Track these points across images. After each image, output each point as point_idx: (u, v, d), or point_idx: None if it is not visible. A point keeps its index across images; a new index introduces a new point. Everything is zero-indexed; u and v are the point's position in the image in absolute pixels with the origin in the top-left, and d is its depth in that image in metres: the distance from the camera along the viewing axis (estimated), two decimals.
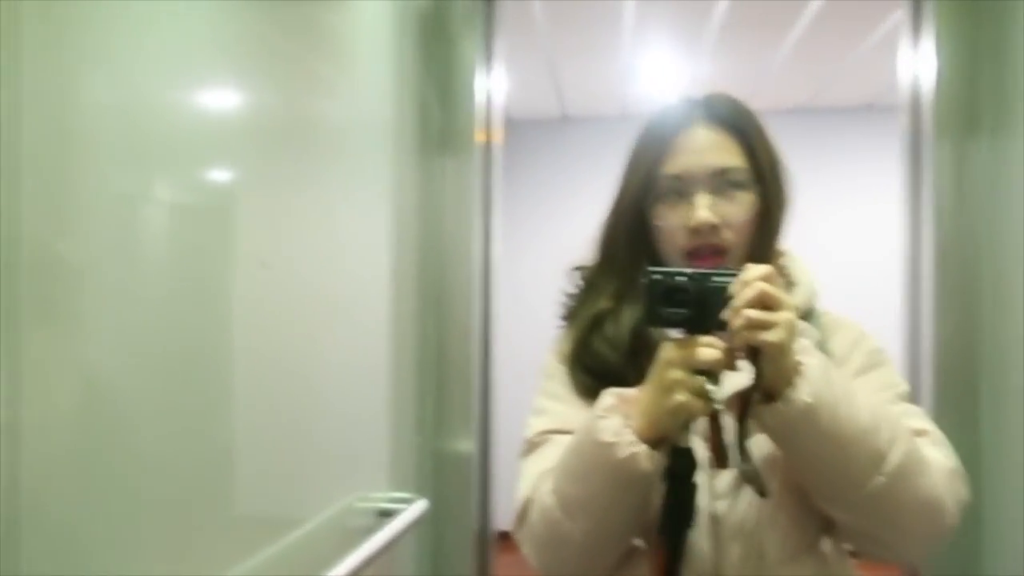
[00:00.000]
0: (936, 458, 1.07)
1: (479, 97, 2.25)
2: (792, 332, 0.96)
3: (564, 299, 1.28)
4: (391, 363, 1.97)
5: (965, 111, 1.95)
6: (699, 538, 1.05)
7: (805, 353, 0.99)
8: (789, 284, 1.17)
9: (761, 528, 1.08)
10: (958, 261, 2.00)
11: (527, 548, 1.13)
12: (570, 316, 1.27)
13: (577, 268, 1.28)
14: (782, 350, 0.95)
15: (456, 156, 2.25)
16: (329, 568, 1.42)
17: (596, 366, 1.16)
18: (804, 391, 0.96)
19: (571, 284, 1.28)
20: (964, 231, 1.99)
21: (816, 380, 0.97)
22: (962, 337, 2.03)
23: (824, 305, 1.22)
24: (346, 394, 1.71)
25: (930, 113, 1.96)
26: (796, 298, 1.14)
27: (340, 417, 1.68)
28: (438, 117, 2.23)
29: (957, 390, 2.06)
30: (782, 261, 1.20)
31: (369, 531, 1.68)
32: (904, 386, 1.19)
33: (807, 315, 1.16)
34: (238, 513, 1.28)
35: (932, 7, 1.98)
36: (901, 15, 2.10)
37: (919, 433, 1.09)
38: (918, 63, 2.01)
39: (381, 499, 1.83)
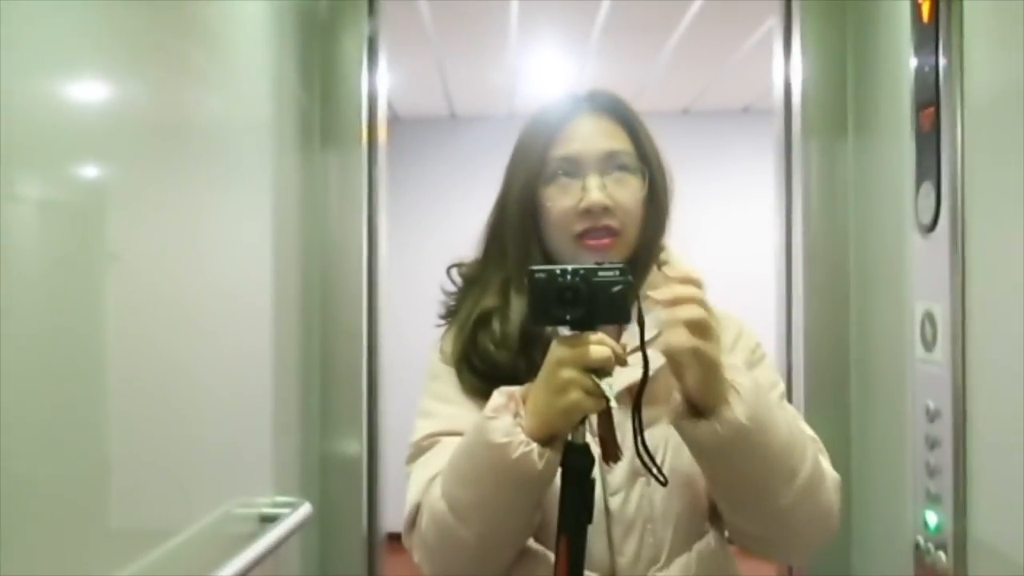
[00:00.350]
0: (827, 468, 1.10)
1: (363, 95, 2.22)
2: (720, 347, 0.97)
3: (444, 297, 1.26)
4: (273, 364, 1.92)
5: (832, 113, 2.04)
6: (593, 533, 1.02)
7: (736, 371, 0.99)
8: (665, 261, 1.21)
9: (654, 520, 1.10)
10: (827, 259, 2.09)
11: (418, 555, 1.10)
12: (451, 314, 1.25)
13: (455, 265, 1.26)
14: (716, 366, 0.96)
15: (340, 154, 2.21)
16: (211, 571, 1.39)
17: (485, 366, 1.13)
18: (740, 412, 0.96)
19: (450, 282, 1.26)
20: (832, 229, 2.09)
21: (751, 402, 0.97)
22: (832, 333, 2.14)
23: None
24: (226, 396, 1.67)
25: (799, 116, 2.05)
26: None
27: (220, 420, 1.64)
28: (320, 114, 2.19)
29: (827, 387, 2.17)
30: (664, 256, 1.22)
31: (251, 537, 1.63)
32: (782, 385, 1.23)
33: None
34: (112, 525, 1.23)
35: (801, 14, 2.06)
36: (774, 21, 2.18)
37: (812, 441, 1.12)
38: (789, 68, 2.10)
39: (264, 504, 1.79)
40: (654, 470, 1.02)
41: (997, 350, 1.36)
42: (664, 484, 1.04)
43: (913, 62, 1.58)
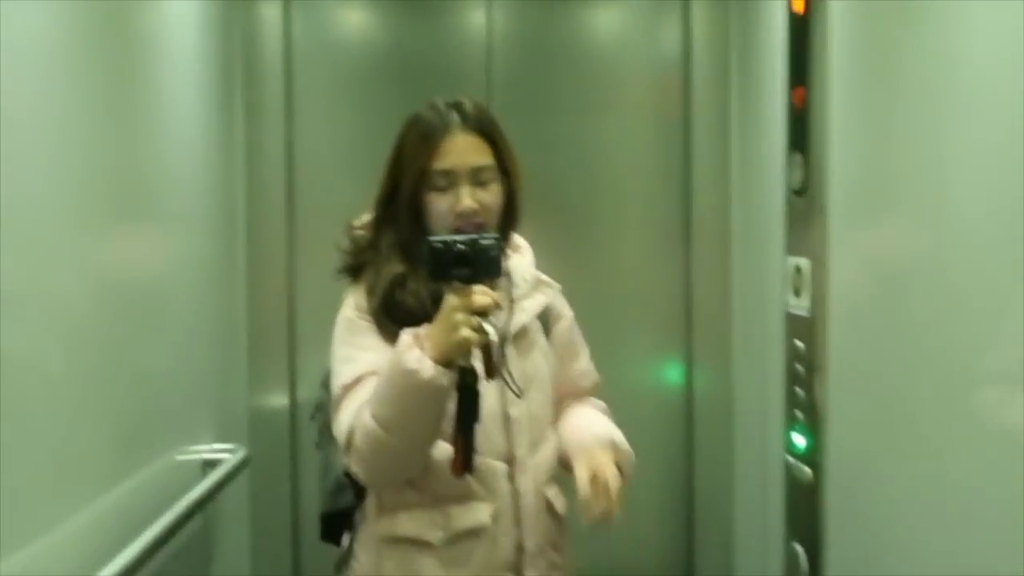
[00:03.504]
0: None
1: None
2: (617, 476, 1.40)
3: (344, 255, 1.51)
4: (208, 320, 2.04)
5: (717, 89, 2.27)
6: (495, 431, 1.42)
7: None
8: (516, 248, 1.55)
9: (533, 421, 1.48)
10: (713, 218, 2.36)
11: (355, 466, 1.38)
12: (352, 271, 1.50)
13: (355, 227, 1.52)
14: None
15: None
16: (158, 516, 1.52)
17: (405, 316, 1.40)
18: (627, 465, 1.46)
19: (348, 242, 1.51)
20: (717, 192, 2.34)
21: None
22: (717, 285, 2.42)
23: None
24: (167, 352, 1.78)
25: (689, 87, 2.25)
26: (525, 259, 1.55)
27: (162, 376, 1.75)
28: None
29: (713, 334, 2.45)
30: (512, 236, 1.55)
31: (196, 479, 1.77)
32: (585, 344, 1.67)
33: (538, 279, 1.56)
34: (57, 473, 1.31)
35: None
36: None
37: (596, 384, 1.67)
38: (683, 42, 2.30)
39: (205, 451, 1.92)
40: (515, 387, 1.41)
41: (850, 298, 1.61)
42: (519, 396, 1.43)
43: (786, 47, 1.80)
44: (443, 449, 1.37)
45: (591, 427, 1.52)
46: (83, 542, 1.35)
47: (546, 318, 1.58)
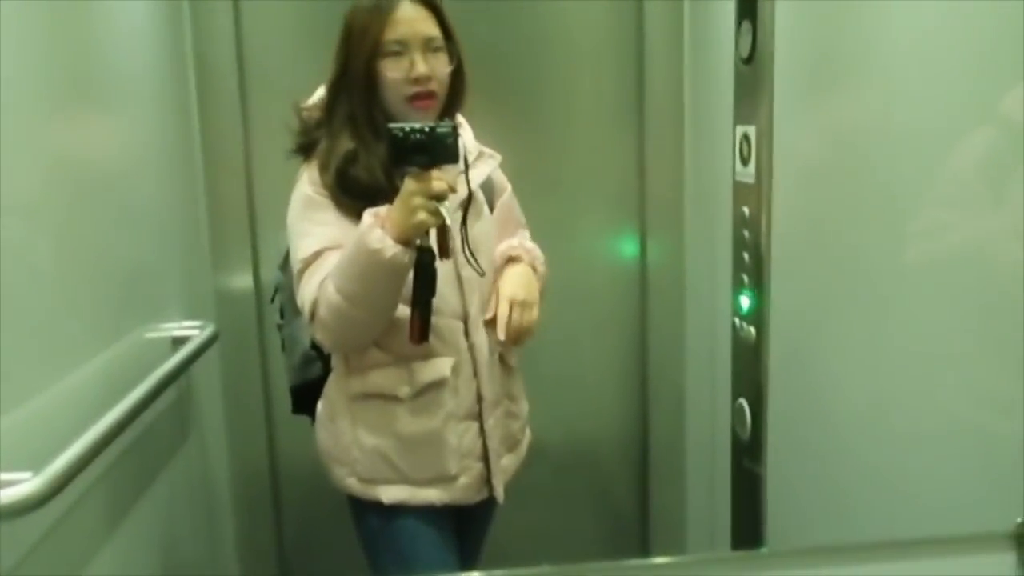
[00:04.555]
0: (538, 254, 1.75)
1: None
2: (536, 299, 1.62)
3: (295, 134, 1.60)
4: (173, 204, 2.06)
5: None
6: (450, 292, 1.56)
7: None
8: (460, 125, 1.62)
9: (485, 281, 1.62)
10: (665, 91, 2.39)
11: (320, 335, 1.53)
12: (304, 150, 1.59)
13: (303, 108, 1.61)
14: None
15: None
16: (129, 391, 1.57)
17: (360, 190, 1.51)
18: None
19: (297, 122, 1.60)
20: (669, 66, 2.36)
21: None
22: (671, 157, 2.46)
23: None
24: (131, 232, 1.80)
25: None
26: (467, 134, 1.64)
27: (128, 254, 1.78)
28: None
29: (666, 203, 2.51)
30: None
31: (166, 355, 1.83)
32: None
33: (480, 152, 1.65)
34: (27, 349, 1.34)
35: None
36: None
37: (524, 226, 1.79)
38: None
39: (174, 328, 1.97)
40: (475, 265, 1.57)
41: (795, 164, 1.67)
42: (482, 275, 1.59)
43: None
44: (404, 312, 1.49)
45: (514, 267, 1.68)
46: (66, 408, 1.41)
47: (489, 189, 1.65)
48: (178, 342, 1.94)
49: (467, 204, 1.57)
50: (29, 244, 1.36)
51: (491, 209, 1.68)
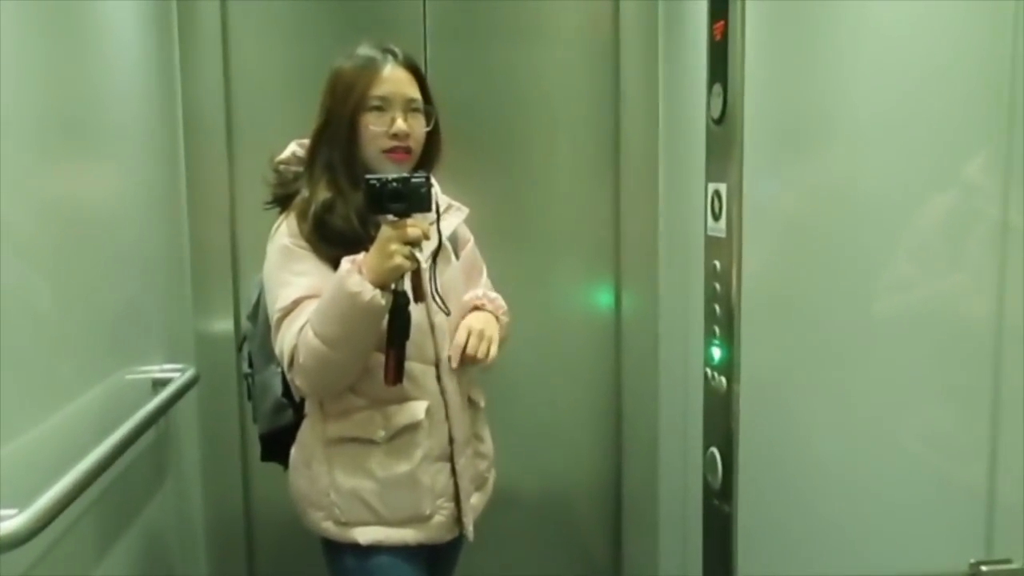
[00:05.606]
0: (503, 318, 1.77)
1: None
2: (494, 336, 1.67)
3: (272, 187, 1.68)
4: (157, 247, 2.08)
5: (646, 29, 2.34)
6: (423, 339, 1.62)
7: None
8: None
9: (454, 327, 1.67)
10: (641, 146, 2.47)
11: (299, 380, 1.56)
12: (280, 202, 1.66)
13: (279, 162, 1.69)
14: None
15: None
16: (112, 430, 1.61)
17: (337, 237, 1.57)
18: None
19: (273, 176, 1.69)
20: (645, 121, 2.45)
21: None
22: (645, 211, 2.54)
23: None
24: (114, 277, 1.83)
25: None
26: (436, 188, 1.66)
27: (112, 298, 1.81)
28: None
29: (640, 256, 2.58)
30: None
31: (146, 396, 1.85)
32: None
33: (448, 204, 1.74)
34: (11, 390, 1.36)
35: None
36: None
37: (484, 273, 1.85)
38: None
39: (155, 370, 1.99)
40: (444, 307, 1.64)
41: (764, 220, 1.74)
42: (448, 315, 1.65)
43: None
44: (378, 359, 1.55)
45: (477, 312, 1.74)
46: (51, 446, 1.43)
47: (455, 239, 1.73)
48: (159, 384, 1.96)
49: (436, 252, 1.65)
50: (22, 283, 1.39)
51: (456, 257, 1.75)
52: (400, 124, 1.60)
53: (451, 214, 1.75)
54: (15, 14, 1.43)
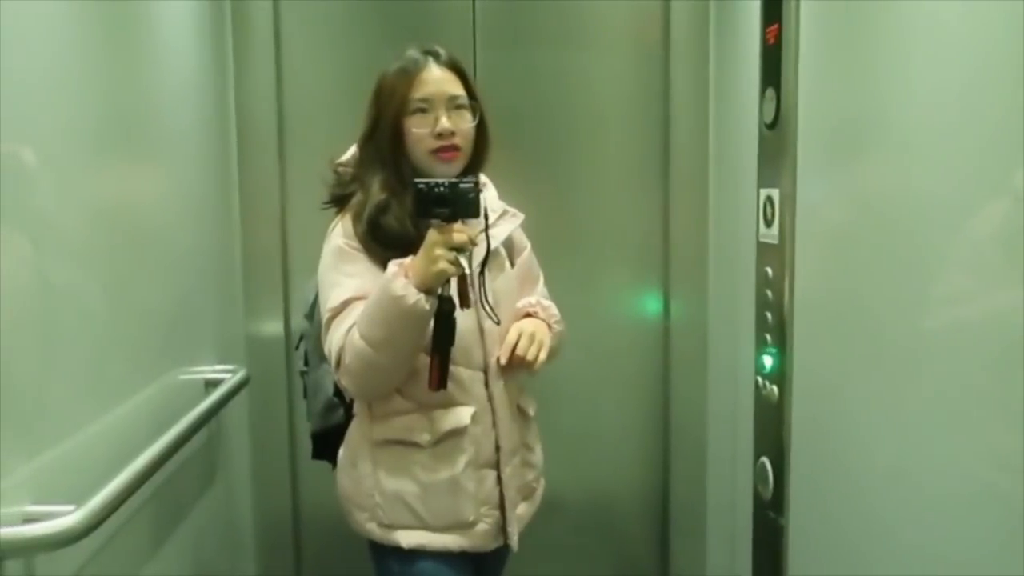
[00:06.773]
0: (558, 328, 1.75)
1: None
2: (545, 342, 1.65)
3: (330, 188, 1.69)
4: (210, 251, 2.12)
5: (698, 32, 2.32)
6: (472, 344, 1.62)
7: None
8: (484, 185, 1.71)
9: (504, 333, 1.65)
10: (692, 152, 2.47)
11: (345, 380, 1.57)
12: (337, 202, 1.66)
13: (338, 164, 1.69)
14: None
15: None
16: (165, 430, 1.63)
17: (390, 239, 1.57)
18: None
19: (332, 176, 1.69)
20: (696, 128, 2.42)
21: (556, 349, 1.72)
22: (695, 217, 2.52)
23: None
24: (171, 280, 1.87)
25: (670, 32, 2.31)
26: (491, 193, 1.73)
27: (168, 301, 1.84)
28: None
29: (690, 262, 2.56)
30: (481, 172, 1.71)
31: (199, 397, 1.88)
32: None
33: (504, 210, 1.73)
34: (69, 390, 1.39)
35: None
36: None
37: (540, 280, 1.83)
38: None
39: (207, 371, 2.02)
40: (493, 315, 1.63)
41: (816, 228, 1.71)
42: (498, 323, 1.64)
43: None
44: (425, 362, 1.55)
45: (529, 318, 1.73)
46: (105, 444, 1.46)
47: (510, 245, 1.72)
48: (211, 384, 1.98)
49: (486, 258, 1.64)
50: (79, 285, 1.42)
51: (512, 264, 1.74)
52: (444, 123, 1.59)
53: (504, 220, 1.73)
54: (76, 18, 1.46)
